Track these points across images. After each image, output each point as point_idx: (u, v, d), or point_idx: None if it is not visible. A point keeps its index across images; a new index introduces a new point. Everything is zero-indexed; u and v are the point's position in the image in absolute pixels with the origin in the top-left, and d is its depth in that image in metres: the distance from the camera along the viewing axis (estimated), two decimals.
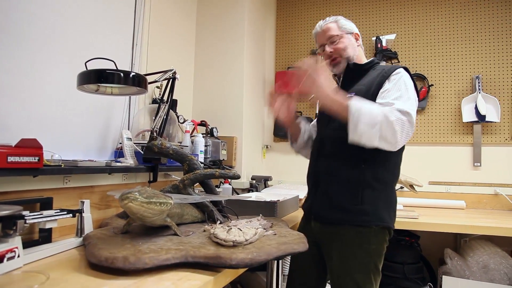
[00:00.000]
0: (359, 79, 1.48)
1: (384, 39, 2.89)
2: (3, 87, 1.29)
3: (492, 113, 2.60)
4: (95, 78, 1.27)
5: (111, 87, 1.42)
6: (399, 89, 1.29)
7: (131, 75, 1.32)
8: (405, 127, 1.20)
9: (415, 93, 1.34)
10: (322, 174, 1.48)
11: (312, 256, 1.52)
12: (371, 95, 1.35)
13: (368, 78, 1.43)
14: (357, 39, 1.53)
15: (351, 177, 1.38)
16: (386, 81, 1.35)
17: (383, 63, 1.52)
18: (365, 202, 1.36)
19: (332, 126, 1.46)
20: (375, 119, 1.18)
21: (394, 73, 1.36)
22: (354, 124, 1.20)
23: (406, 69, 1.40)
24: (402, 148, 1.42)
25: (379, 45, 2.88)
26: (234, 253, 0.98)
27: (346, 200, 1.39)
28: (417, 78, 2.83)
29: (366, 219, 1.36)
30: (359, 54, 1.53)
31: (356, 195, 1.37)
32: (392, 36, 2.90)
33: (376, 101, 1.32)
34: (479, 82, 2.65)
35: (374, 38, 2.92)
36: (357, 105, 1.22)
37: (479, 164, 2.66)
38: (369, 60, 1.53)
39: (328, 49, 1.49)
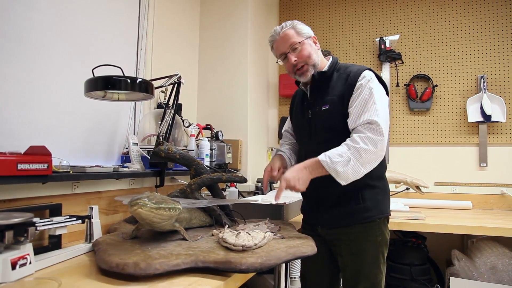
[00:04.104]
0: (326, 86, 1.49)
1: (388, 40, 2.89)
2: (10, 94, 1.31)
3: (497, 113, 2.59)
4: (102, 85, 1.28)
5: (118, 93, 1.43)
6: (366, 101, 1.33)
7: (138, 81, 1.33)
8: (375, 139, 1.27)
9: (382, 93, 1.39)
10: (320, 189, 1.45)
11: (322, 256, 1.52)
12: (344, 104, 1.40)
13: (337, 86, 1.45)
14: (315, 43, 1.51)
15: (347, 186, 1.34)
16: (354, 89, 1.39)
17: (340, 64, 1.53)
18: (366, 199, 1.41)
19: (314, 140, 1.49)
20: (346, 156, 1.27)
21: (359, 79, 1.39)
22: (334, 171, 1.27)
23: (370, 70, 1.43)
24: None
25: (382, 46, 2.87)
26: (244, 257, 0.98)
27: (349, 205, 1.42)
28: (422, 79, 2.83)
29: (370, 214, 1.41)
30: (321, 58, 1.52)
31: (357, 197, 1.41)
32: (395, 37, 2.89)
33: (348, 120, 1.37)
34: (484, 82, 2.64)
35: (377, 39, 2.92)
36: (324, 156, 1.29)
37: (485, 164, 2.65)
38: (329, 62, 1.52)
39: (292, 58, 1.45)
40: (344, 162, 1.26)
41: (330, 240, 1.51)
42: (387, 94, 1.45)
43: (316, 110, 1.48)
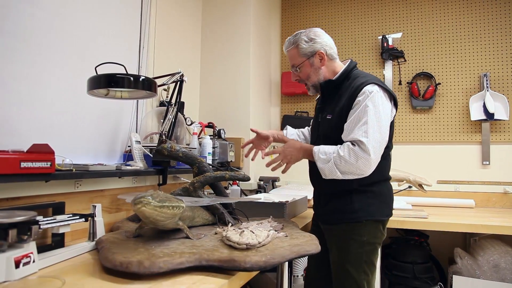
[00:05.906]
0: (335, 93, 1.54)
1: (390, 37, 2.88)
2: (13, 93, 1.30)
3: (500, 111, 2.57)
4: (105, 82, 1.28)
5: (121, 91, 1.42)
6: (359, 119, 1.37)
7: (141, 79, 1.32)
8: (359, 155, 1.33)
9: (379, 110, 1.37)
10: (319, 188, 1.61)
11: (325, 253, 1.57)
12: (342, 117, 1.44)
13: (343, 96, 1.48)
14: (322, 58, 1.53)
15: (339, 189, 1.48)
16: (353, 104, 1.42)
17: (356, 71, 1.55)
18: (355, 202, 1.47)
19: (318, 145, 1.52)
20: (329, 156, 1.39)
21: (359, 95, 1.40)
22: (316, 163, 1.42)
23: (375, 83, 1.40)
24: (388, 150, 1.49)
25: (385, 44, 2.86)
26: (248, 256, 0.98)
27: (339, 205, 1.50)
28: (424, 77, 2.82)
29: (356, 215, 1.46)
30: (327, 72, 1.55)
31: (346, 199, 1.48)
32: (398, 35, 2.88)
33: (343, 133, 1.43)
34: (487, 80, 2.63)
35: (380, 37, 2.91)
36: (317, 148, 1.44)
37: (488, 162, 2.64)
38: (342, 69, 1.54)
39: (293, 76, 1.61)
40: (325, 161, 1.40)
41: (327, 236, 1.57)
42: (396, 105, 1.48)
43: (324, 116, 1.54)
